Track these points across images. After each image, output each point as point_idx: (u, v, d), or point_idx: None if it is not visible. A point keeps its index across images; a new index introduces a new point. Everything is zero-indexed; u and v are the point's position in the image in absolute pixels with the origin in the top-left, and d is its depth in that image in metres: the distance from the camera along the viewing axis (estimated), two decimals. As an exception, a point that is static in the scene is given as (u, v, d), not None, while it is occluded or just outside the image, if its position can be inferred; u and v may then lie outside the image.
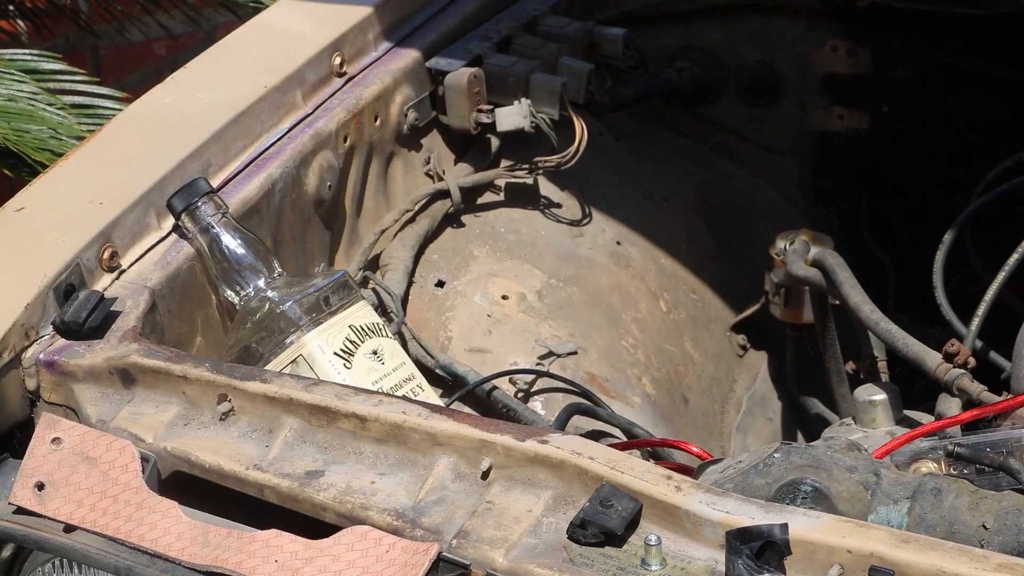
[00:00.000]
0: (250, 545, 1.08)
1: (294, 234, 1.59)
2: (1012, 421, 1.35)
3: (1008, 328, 1.49)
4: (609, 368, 1.73)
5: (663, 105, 2.21)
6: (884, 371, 1.72)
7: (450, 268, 1.76)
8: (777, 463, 1.13)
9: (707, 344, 1.90)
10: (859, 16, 2.09)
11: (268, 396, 1.19)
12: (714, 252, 2.03)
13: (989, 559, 0.94)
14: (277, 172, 1.55)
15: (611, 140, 2.06)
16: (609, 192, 1.96)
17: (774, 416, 1.94)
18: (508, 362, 1.68)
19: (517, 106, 1.76)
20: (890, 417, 1.55)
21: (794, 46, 2.15)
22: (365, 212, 1.73)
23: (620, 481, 1.04)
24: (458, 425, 1.12)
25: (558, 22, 1.94)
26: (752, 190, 2.20)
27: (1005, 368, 1.59)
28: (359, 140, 1.68)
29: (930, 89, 2.10)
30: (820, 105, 2.17)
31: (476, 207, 1.84)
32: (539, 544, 1.04)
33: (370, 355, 1.44)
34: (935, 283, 1.69)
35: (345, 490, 1.12)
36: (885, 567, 0.95)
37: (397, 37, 1.81)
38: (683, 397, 1.81)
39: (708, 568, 1.00)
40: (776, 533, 0.97)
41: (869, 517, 1.09)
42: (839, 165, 2.19)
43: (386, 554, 1.04)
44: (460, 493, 1.09)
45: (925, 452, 1.28)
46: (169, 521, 1.12)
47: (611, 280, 1.84)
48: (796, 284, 1.79)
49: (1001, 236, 1.70)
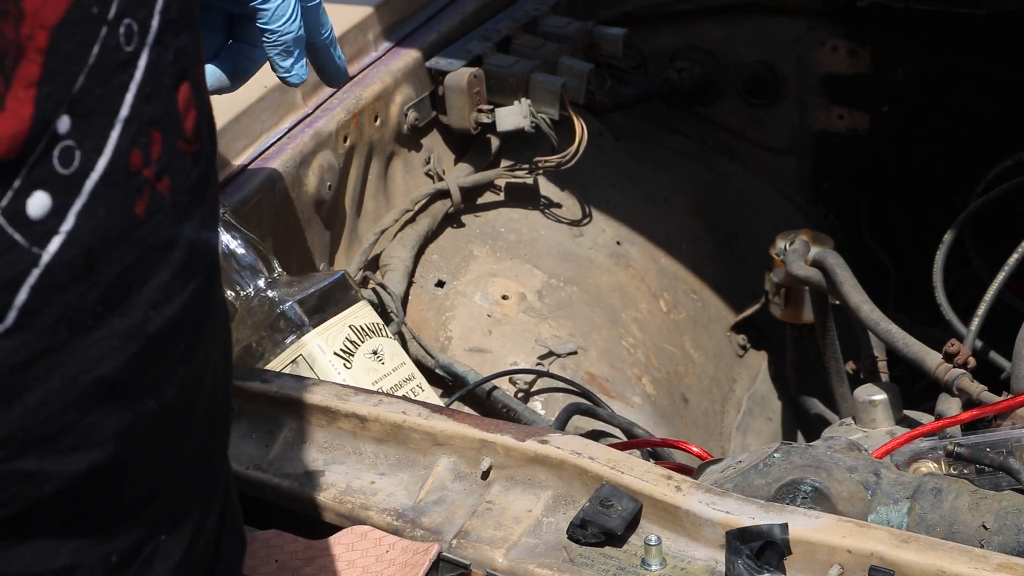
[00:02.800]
0: (250, 545, 1.08)
1: (294, 234, 1.59)
2: (1012, 421, 1.35)
3: (1008, 328, 1.49)
4: (609, 368, 1.73)
5: (663, 105, 2.21)
6: (884, 371, 1.72)
7: (450, 268, 1.76)
8: (777, 463, 1.13)
9: (707, 344, 1.90)
10: (859, 16, 2.10)
11: (268, 396, 1.19)
12: (714, 252, 2.03)
13: (989, 559, 0.94)
14: (277, 172, 1.55)
15: (611, 140, 2.06)
16: (609, 192, 1.96)
17: (774, 416, 1.94)
18: (508, 362, 1.68)
19: (517, 106, 1.76)
20: (890, 417, 1.55)
21: (794, 46, 2.15)
22: (365, 212, 1.73)
23: (620, 481, 1.04)
24: (458, 425, 1.12)
25: (558, 22, 1.94)
26: (752, 190, 2.20)
27: (1005, 368, 1.59)
28: (359, 140, 1.68)
29: (930, 89, 2.10)
30: (820, 105, 2.17)
31: (476, 207, 1.84)
32: (539, 544, 1.04)
33: (370, 355, 1.44)
34: (935, 283, 1.69)
35: (345, 490, 1.12)
36: (885, 567, 0.95)
37: (397, 37, 1.81)
38: (683, 397, 1.81)
39: (708, 568, 1.00)
40: (776, 533, 0.97)
41: (869, 517, 1.09)
42: (839, 165, 2.19)
43: (386, 554, 1.04)
44: (460, 493, 1.09)
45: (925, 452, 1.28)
46: (169, 521, 1.12)
47: (611, 280, 1.84)
48: (796, 284, 1.79)
49: (1001, 236, 1.70)
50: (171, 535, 0.73)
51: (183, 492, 0.75)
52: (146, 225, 0.66)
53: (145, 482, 0.71)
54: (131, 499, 0.70)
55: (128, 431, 0.67)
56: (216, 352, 0.76)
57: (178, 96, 0.68)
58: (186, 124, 0.69)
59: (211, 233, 0.73)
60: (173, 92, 0.68)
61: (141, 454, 0.70)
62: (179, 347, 0.70)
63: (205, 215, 0.71)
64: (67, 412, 0.64)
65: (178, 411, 0.72)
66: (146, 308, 0.67)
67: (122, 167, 0.65)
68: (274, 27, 1.30)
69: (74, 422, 0.65)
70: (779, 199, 2.22)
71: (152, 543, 0.72)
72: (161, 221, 0.67)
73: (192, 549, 0.75)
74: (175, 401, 0.71)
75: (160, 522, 0.73)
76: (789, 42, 2.15)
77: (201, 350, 0.73)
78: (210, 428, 0.77)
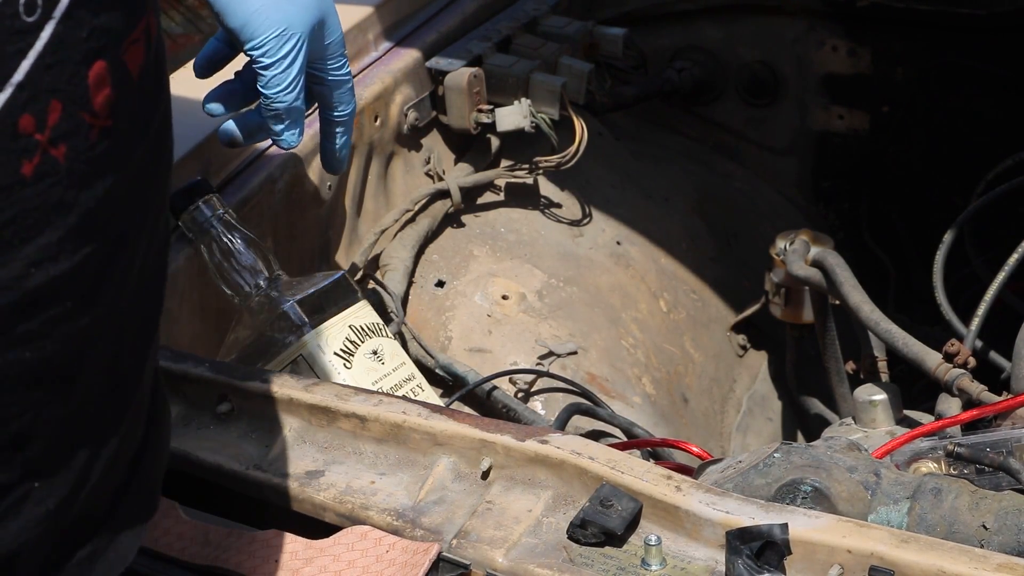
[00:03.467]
0: (250, 545, 1.08)
1: (294, 234, 1.59)
2: (1012, 421, 1.35)
3: (1008, 328, 1.49)
4: (609, 368, 1.73)
5: (663, 105, 2.21)
6: (884, 371, 1.72)
7: (450, 268, 1.76)
8: (777, 463, 1.13)
9: (707, 344, 1.90)
10: (859, 16, 2.10)
11: (268, 396, 1.19)
12: (714, 252, 2.03)
13: (989, 559, 0.94)
14: (277, 172, 1.55)
15: (611, 140, 2.06)
16: (609, 192, 1.96)
17: (774, 416, 1.94)
18: (508, 362, 1.68)
19: (517, 106, 1.76)
20: (890, 417, 1.55)
21: (794, 46, 2.15)
22: (365, 212, 1.73)
23: (620, 481, 1.04)
24: (458, 425, 1.12)
25: (558, 22, 1.94)
26: (752, 190, 2.20)
27: (1005, 368, 1.59)
28: (359, 140, 1.68)
29: (930, 89, 2.10)
30: (820, 105, 2.17)
31: (476, 207, 1.84)
32: (539, 544, 1.04)
33: (370, 355, 1.44)
34: (935, 283, 1.69)
35: (345, 490, 1.12)
36: (885, 567, 0.95)
37: (397, 37, 1.81)
38: (683, 397, 1.81)
39: (708, 568, 1.00)
40: (776, 533, 0.97)
41: (869, 517, 1.09)
42: (839, 165, 2.20)
43: (386, 554, 1.04)
44: (460, 493, 1.09)
45: (925, 452, 1.28)
46: (169, 521, 1.12)
47: (611, 280, 1.84)
48: (796, 284, 1.79)
49: (1001, 236, 1.70)
50: (46, 482, 0.76)
51: (63, 444, 0.77)
52: (33, 186, 0.69)
53: (14, 427, 0.73)
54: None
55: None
56: (125, 322, 0.79)
57: (89, 71, 0.70)
58: (96, 99, 0.71)
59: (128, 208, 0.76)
60: (83, 67, 0.70)
61: (11, 400, 0.72)
62: (63, 306, 0.73)
63: (118, 188, 0.74)
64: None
65: (59, 365, 0.74)
66: (27, 263, 0.70)
67: (8, 128, 0.68)
68: (269, 93, 1.29)
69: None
70: (779, 199, 2.22)
71: (22, 488, 0.75)
72: (53, 184, 0.70)
73: (72, 499, 0.78)
74: (55, 358, 0.73)
75: (32, 469, 0.75)
76: (789, 42, 2.15)
77: (93, 315, 0.75)
78: (112, 382, 0.80)
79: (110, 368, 0.79)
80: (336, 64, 1.34)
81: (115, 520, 0.84)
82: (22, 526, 0.75)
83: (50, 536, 0.78)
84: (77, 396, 0.77)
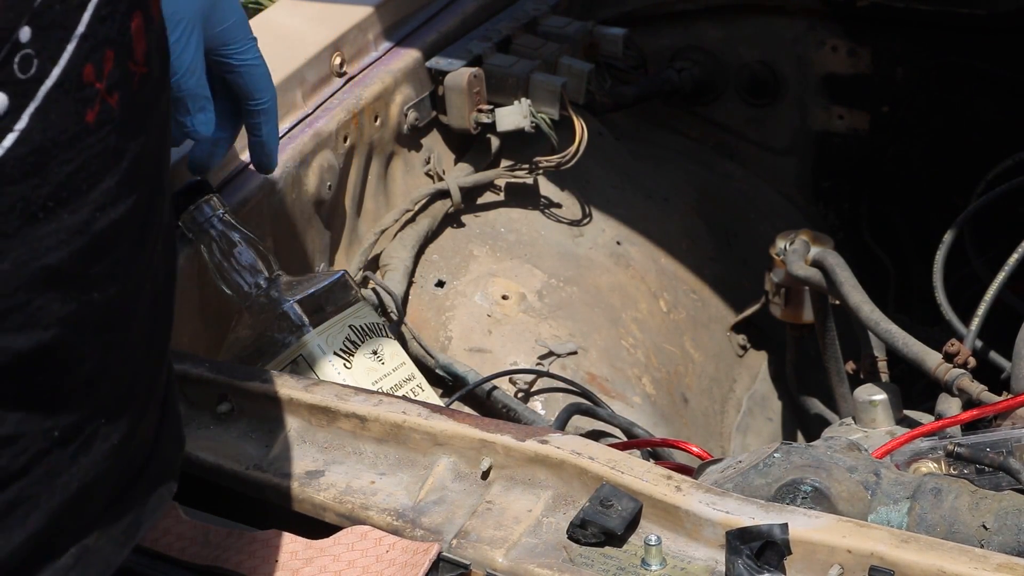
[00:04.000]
0: (250, 545, 1.08)
1: (294, 234, 1.59)
2: (1012, 421, 1.35)
3: (1008, 328, 1.49)
4: (609, 368, 1.73)
5: (663, 105, 2.21)
6: (884, 371, 1.72)
7: (450, 268, 1.76)
8: (777, 463, 1.13)
9: (707, 344, 1.90)
10: (859, 16, 2.10)
11: (268, 396, 1.19)
12: (714, 252, 2.03)
13: (989, 559, 0.94)
14: (277, 172, 1.55)
15: (611, 140, 2.06)
16: (609, 192, 1.96)
17: (774, 416, 1.94)
18: (508, 362, 1.68)
19: (517, 106, 1.76)
20: (890, 417, 1.55)
21: (794, 46, 2.15)
22: (365, 212, 1.73)
23: (620, 481, 1.04)
24: (458, 425, 1.12)
25: (558, 22, 1.94)
26: (752, 190, 2.20)
27: (1005, 368, 1.59)
28: (359, 140, 1.68)
29: (930, 89, 2.10)
30: (820, 105, 2.17)
31: (476, 207, 1.84)
32: (539, 544, 1.04)
33: (370, 355, 1.44)
34: (935, 283, 1.69)
35: (345, 490, 1.12)
36: (885, 567, 0.95)
37: (397, 37, 1.81)
38: (683, 397, 1.81)
39: (708, 568, 1.00)
40: (776, 533, 0.97)
41: (869, 517, 1.09)
42: (839, 165, 2.20)
43: (386, 554, 1.04)
44: (460, 493, 1.09)
45: (925, 452, 1.28)
46: (169, 521, 1.12)
47: (611, 280, 1.84)
48: (796, 284, 1.79)
49: (1001, 236, 1.70)
50: (111, 422, 0.81)
51: (123, 384, 0.83)
52: (96, 133, 0.74)
53: (87, 368, 0.78)
54: (74, 382, 0.78)
55: (73, 318, 0.75)
56: (159, 262, 0.84)
57: (131, 22, 0.75)
58: (137, 48, 0.76)
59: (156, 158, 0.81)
60: (127, 18, 0.75)
61: (84, 341, 0.78)
62: (122, 249, 0.78)
63: (149, 139, 0.79)
64: (16, 293, 0.72)
65: (120, 307, 0.80)
66: (93, 208, 0.75)
67: (75, 78, 0.72)
68: (172, 79, 1.26)
69: (23, 304, 0.73)
70: (779, 199, 2.22)
71: (92, 425, 0.80)
72: (110, 132, 0.75)
73: (130, 438, 0.84)
74: (117, 297, 0.79)
75: (101, 408, 0.81)
76: (789, 42, 2.15)
77: (142, 257, 0.81)
78: (152, 331, 0.85)
79: (151, 310, 0.84)
80: (240, 48, 1.33)
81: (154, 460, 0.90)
82: (92, 460, 0.80)
83: (114, 471, 0.83)
84: (132, 338, 0.82)
